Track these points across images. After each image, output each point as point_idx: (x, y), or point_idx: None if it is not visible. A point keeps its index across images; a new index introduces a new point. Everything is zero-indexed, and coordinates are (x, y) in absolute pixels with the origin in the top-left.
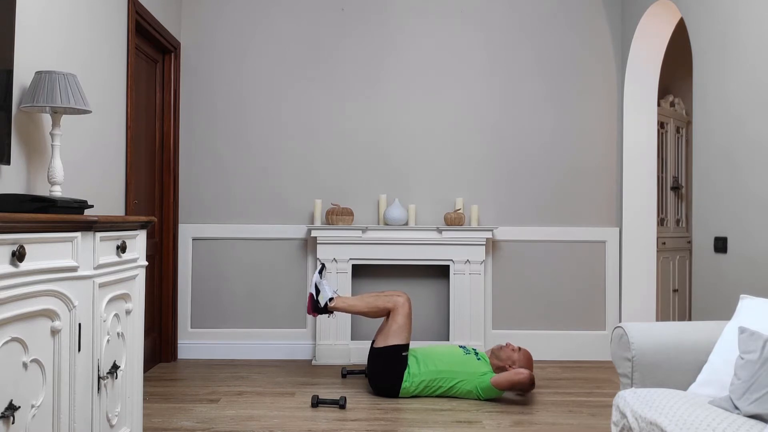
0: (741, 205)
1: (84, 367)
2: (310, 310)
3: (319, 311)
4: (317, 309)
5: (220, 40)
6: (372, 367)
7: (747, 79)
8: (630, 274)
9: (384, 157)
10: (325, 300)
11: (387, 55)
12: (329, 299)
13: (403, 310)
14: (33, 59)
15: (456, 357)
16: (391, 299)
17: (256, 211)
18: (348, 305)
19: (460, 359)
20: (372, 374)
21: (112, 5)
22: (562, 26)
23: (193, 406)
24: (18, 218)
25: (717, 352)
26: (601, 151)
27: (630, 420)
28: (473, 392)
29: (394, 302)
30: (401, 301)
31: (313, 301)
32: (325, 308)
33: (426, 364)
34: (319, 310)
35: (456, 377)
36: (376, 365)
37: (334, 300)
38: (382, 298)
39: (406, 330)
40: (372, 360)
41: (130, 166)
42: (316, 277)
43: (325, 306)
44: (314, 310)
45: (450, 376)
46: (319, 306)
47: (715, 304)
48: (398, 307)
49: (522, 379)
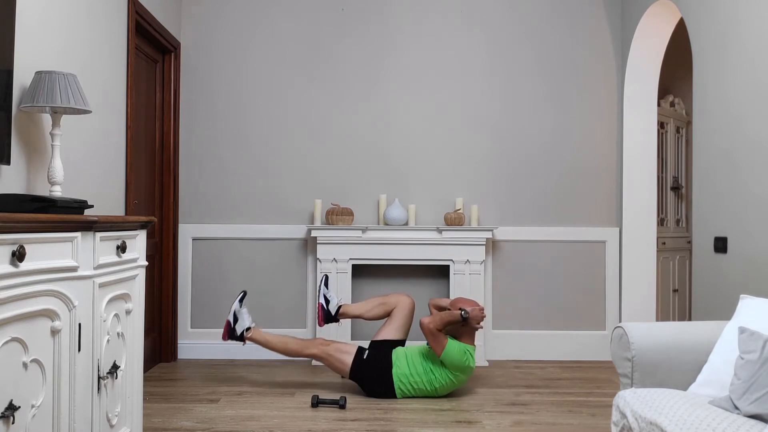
0: (741, 205)
1: (84, 367)
2: (321, 321)
3: (330, 320)
4: (328, 319)
5: (220, 40)
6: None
7: (747, 79)
8: (630, 274)
9: (384, 157)
10: (335, 308)
11: (387, 55)
12: (337, 308)
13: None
14: (33, 59)
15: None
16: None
17: (256, 211)
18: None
19: (426, 354)
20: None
21: (112, 5)
22: (562, 26)
23: (193, 406)
24: (18, 218)
25: (717, 352)
26: (601, 151)
27: (630, 420)
28: (452, 376)
29: (398, 300)
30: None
31: (324, 311)
32: (242, 337)
33: (414, 365)
34: (330, 319)
35: (433, 375)
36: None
37: (342, 308)
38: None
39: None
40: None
41: (130, 166)
42: (323, 288)
43: (336, 314)
44: (325, 321)
45: (430, 376)
46: (332, 315)
47: (715, 304)
48: (401, 303)
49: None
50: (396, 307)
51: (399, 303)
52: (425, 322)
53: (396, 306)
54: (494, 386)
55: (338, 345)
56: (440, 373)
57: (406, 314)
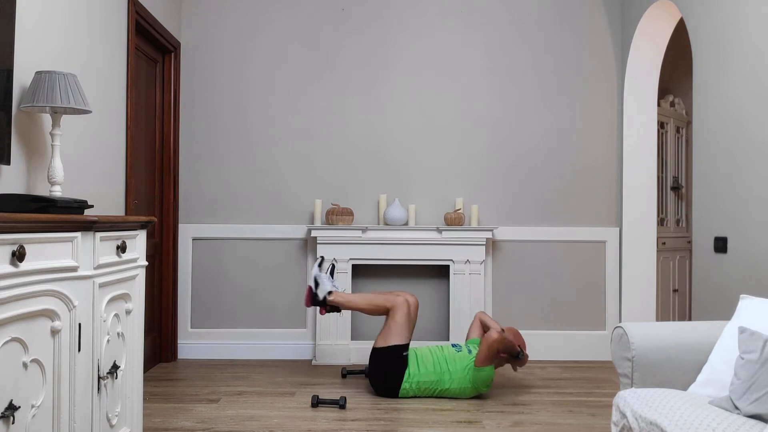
0: (741, 205)
1: (84, 367)
2: (308, 302)
3: (316, 304)
4: (315, 302)
5: (220, 40)
6: (373, 367)
7: (747, 79)
8: (630, 274)
9: (384, 157)
10: (323, 294)
11: (387, 55)
12: (328, 293)
13: (402, 310)
14: (33, 59)
15: (447, 357)
16: (390, 298)
17: (256, 211)
18: (346, 300)
19: (452, 358)
20: (373, 375)
21: (112, 5)
22: (562, 26)
23: (193, 406)
24: (18, 218)
25: (717, 352)
26: (601, 151)
27: (630, 420)
28: (470, 387)
29: (393, 302)
30: (400, 301)
31: (312, 294)
32: (324, 302)
33: (424, 365)
34: (316, 302)
35: (448, 377)
36: (377, 366)
37: (333, 294)
38: (382, 297)
39: (406, 330)
40: (373, 361)
41: (130, 166)
42: (316, 270)
43: (324, 299)
44: (312, 303)
45: (443, 377)
46: (318, 299)
47: (715, 304)
48: (397, 306)
49: (493, 337)
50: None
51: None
52: (495, 338)
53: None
54: (494, 386)
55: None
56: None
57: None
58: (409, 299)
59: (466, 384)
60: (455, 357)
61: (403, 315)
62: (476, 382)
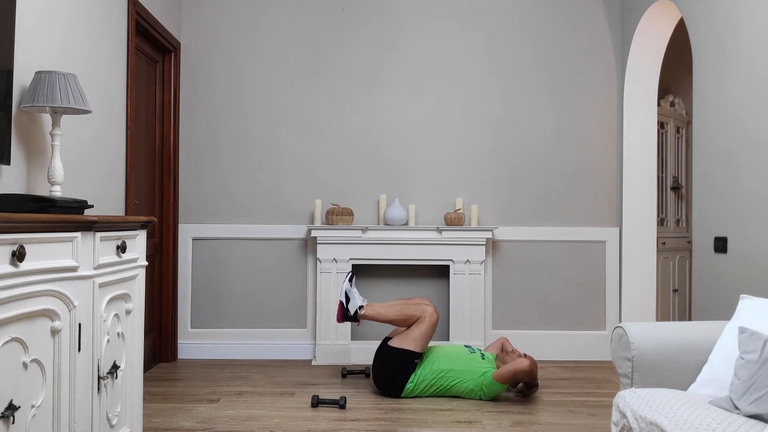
0: (741, 205)
1: (84, 367)
2: (340, 318)
3: (348, 319)
4: (347, 317)
5: (220, 40)
6: (380, 364)
7: (747, 79)
8: (630, 274)
9: (384, 157)
10: (355, 308)
11: (387, 55)
12: (359, 307)
13: (431, 320)
14: (33, 59)
15: (460, 356)
16: (420, 308)
17: (256, 211)
18: (377, 313)
19: (465, 358)
20: (378, 372)
21: (112, 5)
22: (562, 26)
23: (193, 406)
24: (18, 218)
25: (717, 352)
26: (601, 151)
27: (630, 420)
28: (476, 390)
29: (423, 311)
30: (430, 311)
31: (343, 309)
32: (355, 316)
33: (431, 364)
34: (348, 318)
35: (459, 376)
36: (387, 363)
37: (365, 308)
38: (412, 307)
39: (427, 339)
40: (382, 356)
41: (130, 166)
42: (347, 284)
43: (355, 314)
44: (344, 319)
45: (453, 375)
46: (349, 314)
47: (715, 304)
48: (426, 316)
49: (523, 366)
50: (420, 321)
51: (424, 317)
52: (525, 368)
53: (420, 319)
54: None
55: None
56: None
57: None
58: (436, 312)
59: (478, 388)
60: (469, 358)
61: (430, 325)
62: (487, 391)
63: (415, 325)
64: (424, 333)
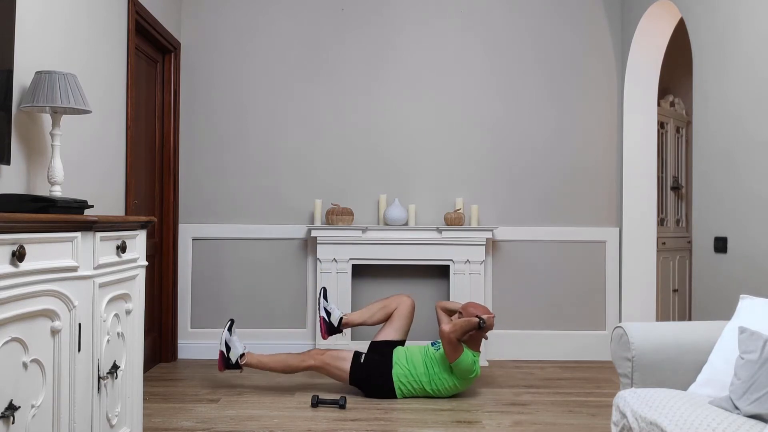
0: (741, 205)
1: (84, 367)
2: (324, 334)
3: (334, 332)
4: (331, 331)
5: (220, 40)
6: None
7: (747, 79)
8: (630, 274)
9: (384, 157)
10: (337, 320)
11: (387, 54)
12: (340, 319)
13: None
14: (33, 59)
15: (427, 356)
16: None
17: (256, 211)
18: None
19: (433, 359)
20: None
21: (112, 5)
22: (562, 26)
23: (193, 406)
24: (18, 218)
25: (717, 352)
26: (601, 151)
27: (630, 420)
28: (460, 381)
29: (399, 301)
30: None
31: (326, 324)
32: (237, 364)
33: (414, 365)
34: (333, 331)
35: (437, 378)
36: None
37: (345, 318)
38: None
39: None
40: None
41: (130, 166)
42: (323, 301)
43: (237, 362)
44: (329, 333)
45: (427, 378)
46: (334, 327)
47: (715, 304)
48: (402, 306)
49: (446, 330)
50: (396, 309)
51: (399, 304)
52: (446, 330)
53: (396, 307)
54: (494, 386)
55: (334, 353)
56: (444, 378)
57: (406, 315)
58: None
59: (452, 381)
60: (434, 357)
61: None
62: (462, 374)
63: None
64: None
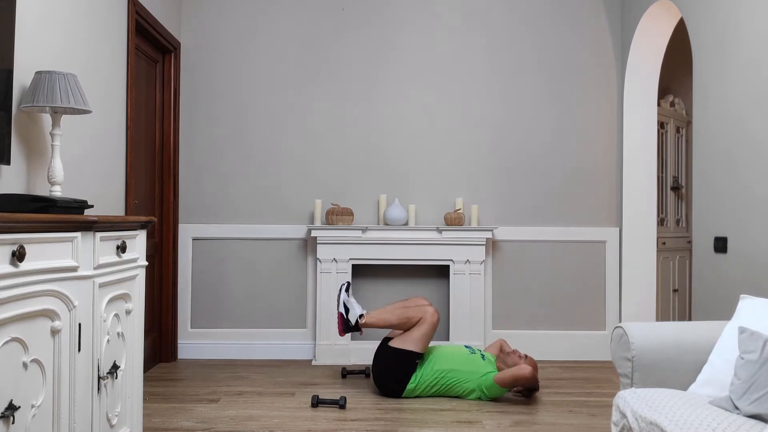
0: (741, 205)
1: (84, 367)
2: (341, 330)
3: (349, 329)
4: (348, 328)
5: (220, 40)
6: (381, 364)
7: (747, 78)
8: (630, 274)
9: (384, 157)
10: (355, 318)
11: (387, 54)
12: (360, 316)
13: (432, 320)
14: (33, 59)
15: (461, 356)
16: (420, 309)
17: (256, 211)
18: (378, 319)
19: (465, 359)
20: (379, 372)
21: (112, 5)
22: (563, 26)
23: (193, 406)
24: (18, 218)
25: (717, 352)
26: (601, 151)
27: (630, 420)
28: (476, 391)
29: (424, 312)
30: (431, 312)
31: (343, 321)
32: (356, 326)
33: (432, 364)
34: (349, 328)
35: (460, 376)
36: (388, 364)
37: (365, 316)
38: (412, 309)
39: (427, 339)
40: (383, 357)
41: (130, 166)
42: (344, 295)
43: (356, 323)
44: (345, 330)
45: (454, 375)
46: (350, 325)
47: (715, 304)
48: (427, 316)
49: (525, 373)
50: (421, 322)
51: (425, 318)
52: (527, 375)
53: (421, 320)
54: None
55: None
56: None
57: (432, 330)
58: (436, 312)
59: (479, 389)
60: (470, 359)
61: (431, 326)
62: (488, 393)
63: (416, 325)
64: (425, 334)
